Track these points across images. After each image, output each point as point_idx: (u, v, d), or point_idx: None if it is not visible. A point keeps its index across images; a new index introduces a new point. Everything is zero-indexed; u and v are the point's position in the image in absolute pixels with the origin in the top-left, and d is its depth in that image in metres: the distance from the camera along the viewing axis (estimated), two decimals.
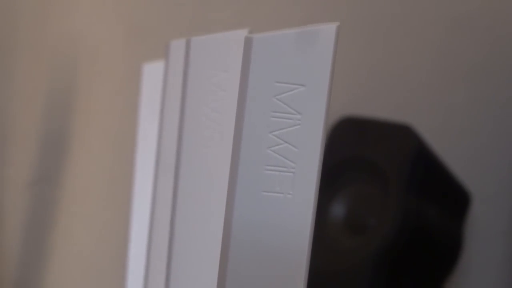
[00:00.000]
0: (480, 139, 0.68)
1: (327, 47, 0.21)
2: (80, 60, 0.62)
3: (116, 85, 0.62)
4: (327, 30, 0.21)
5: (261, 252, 0.21)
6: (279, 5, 0.59)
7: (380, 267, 0.57)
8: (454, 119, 0.66)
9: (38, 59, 0.62)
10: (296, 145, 0.21)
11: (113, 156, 0.64)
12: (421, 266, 0.60)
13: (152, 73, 0.48)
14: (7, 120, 0.62)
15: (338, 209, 0.61)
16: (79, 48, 0.62)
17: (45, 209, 0.64)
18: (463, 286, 0.70)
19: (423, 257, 0.60)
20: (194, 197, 0.29)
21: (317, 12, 0.59)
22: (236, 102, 0.29)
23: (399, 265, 0.58)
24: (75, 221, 0.64)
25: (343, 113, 0.59)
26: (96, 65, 0.62)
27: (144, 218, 0.48)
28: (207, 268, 0.29)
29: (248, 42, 0.21)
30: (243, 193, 0.21)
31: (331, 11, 0.59)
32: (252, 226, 0.21)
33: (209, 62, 0.29)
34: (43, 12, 0.62)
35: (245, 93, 0.21)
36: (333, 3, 0.60)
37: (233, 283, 0.21)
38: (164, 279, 0.30)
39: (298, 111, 0.21)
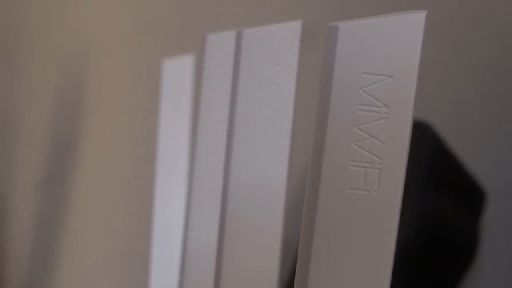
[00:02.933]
0: (495, 136, 0.67)
1: (416, 36, 0.20)
2: (90, 58, 0.61)
3: (126, 83, 0.61)
4: (416, 18, 0.20)
5: (345, 251, 0.20)
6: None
7: (399, 264, 0.57)
8: (469, 116, 0.66)
9: (47, 57, 0.60)
10: (383, 139, 0.20)
11: (123, 155, 0.62)
12: (439, 264, 0.60)
13: (173, 70, 0.47)
14: (16, 119, 0.61)
15: None
16: (89, 46, 0.61)
17: (54, 209, 0.62)
18: (479, 284, 0.69)
19: (440, 254, 0.60)
20: (245, 196, 0.28)
21: (323, 8, 0.58)
22: (290, 97, 0.28)
23: (417, 262, 0.58)
24: (84, 221, 0.63)
25: None
26: (106, 63, 0.61)
27: (167, 218, 0.47)
28: (262, 267, 0.28)
29: (333, 31, 0.20)
30: (326, 191, 0.20)
31: (339, 5, 0.59)
32: (336, 224, 0.20)
33: (262, 55, 0.28)
34: (52, 10, 0.60)
35: (329, 85, 0.20)
36: None
37: (316, 284, 0.20)
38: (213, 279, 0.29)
39: (385, 104, 0.20)
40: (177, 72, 0.46)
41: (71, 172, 0.62)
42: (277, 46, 0.28)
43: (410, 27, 0.20)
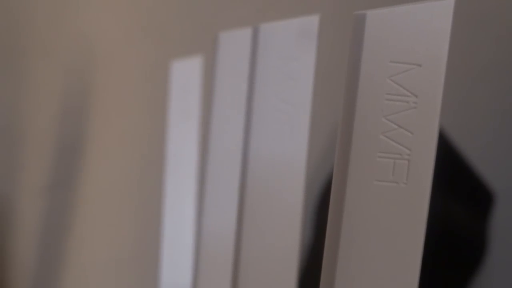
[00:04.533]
0: (502, 138, 0.67)
1: (444, 23, 0.19)
2: (96, 61, 0.60)
3: (133, 86, 0.60)
4: (445, 4, 0.19)
5: (373, 244, 0.20)
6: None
7: None
8: (477, 117, 0.65)
9: (52, 61, 0.60)
10: (411, 129, 0.20)
11: (130, 159, 0.62)
12: (447, 266, 0.59)
13: (182, 71, 0.46)
14: (22, 123, 0.60)
15: None
16: (95, 49, 0.60)
17: (61, 213, 0.62)
18: (488, 286, 0.69)
19: (449, 256, 0.59)
20: (264, 194, 0.28)
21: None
22: (308, 92, 0.27)
23: (426, 264, 0.57)
24: (91, 225, 0.62)
25: None
26: (112, 66, 0.60)
27: (176, 220, 0.46)
28: (280, 262, 0.28)
29: (360, 19, 0.19)
30: (354, 183, 0.20)
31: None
32: (364, 217, 0.20)
33: (279, 50, 0.27)
34: (57, 13, 0.60)
35: (357, 74, 0.19)
36: None
37: (343, 277, 0.20)
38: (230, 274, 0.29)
39: (413, 93, 0.19)
40: (185, 73, 0.46)
41: (77, 176, 0.61)
42: (294, 41, 0.27)
43: (439, 13, 0.19)
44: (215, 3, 0.59)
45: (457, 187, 0.60)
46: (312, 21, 0.28)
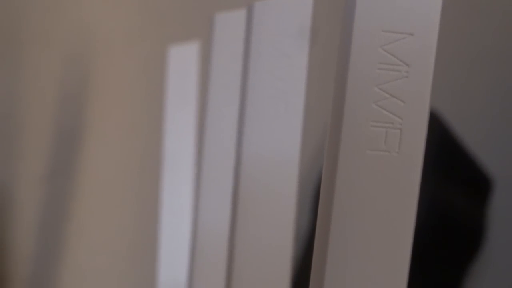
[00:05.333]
0: (502, 125, 0.67)
1: None
2: (94, 50, 0.60)
3: (131, 74, 0.61)
4: None
5: (366, 212, 0.20)
6: None
7: None
8: (476, 104, 0.66)
9: (51, 50, 0.60)
10: (403, 98, 0.20)
11: (128, 147, 0.62)
12: (446, 251, 0.60)
13: (179, 56, 0.46)
14: (21, 112, 0.61)
15: None
16: (92, 37, 0.60)
17: (59, 202, 0.62)
18: (486, 272, 0.69)
19: (448, 242, 0.59)
20: (259, 168, 0.28)
21: None
22: (303, 69, 0.27)
23: (425, 249, 0.57)
24: (90, 214, 0.63)
25: None
26: (110, 54, 0.61)
27: (175, 207, 0.46)
28: (273, 241, 0.28)
29: None
30: (347, 152, 0.20)
31: None
32: (356, 186, 0.20)
33: (273, 28, 0.27)
34: (55, 2, 0.60)
35: (349, 43, 0.19)
36: None
37: (336, 245, 0.20)
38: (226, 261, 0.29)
39: (405, 62, 0.20)
40: (183, 58, 0.46)
41: (76, 165, 0.61)
42: (289, 18, 0.27)
43: None
44: None
45: (455, 174, 0.60)
46: None
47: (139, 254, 0.63)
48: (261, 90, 0.28)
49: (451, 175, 0.59)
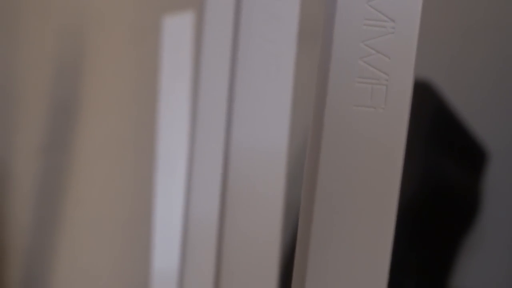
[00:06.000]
0: (497, 96, 0.67)
1: None
2: (88, 22, 0.60)
3: (125, 46, 0.61)
4: None
5: (352, 169, 0.20)
6: None
7: (401, 223, 0.57)
8: (471, 75, 0.66)
9: (45, 21, 0.60)
10: (389, 54, 0.20)
11: (124, 119, 0.62)
12: (440, 222, 0.60)
13: (173, 26, 0.46)
14: (16, 84, 0.61)
15: None
16: (87, 9, 0.60)
17: (56, 174, 0.62)
18: (482, 244, 0.69)
19: (442, 213, 0.60)
20: (250, 136, 0.28)
21: None
22: (293, 31, 0.27)
23: (419, 220, 0.58)
24: (86, 186, 0.63)
25: None
26: (104, 26, 0.60)
27: (169, 182, 0.46)
28: (264, 225, 0.28)
29: None
30: (333, 108, 0.20)
31: None
32: (342, 142, 0.20)
33: None
34: None
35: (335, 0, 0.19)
36: None
37: (323, 200, 0.20)
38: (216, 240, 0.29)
39: (391, 18, 0.20)
40: (177, 29, 0.46)
41: (72, 137, 0.62)
42: None
43: None
44: None
45: (450, 145, 0.60)
46: None
47: (135, 224, 0.63)
48: (252, 53, 0.28)
49: (445, 147, 0.59)
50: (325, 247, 0.21)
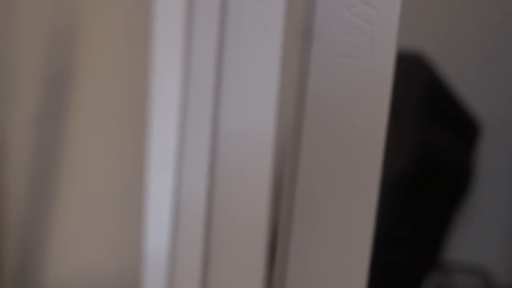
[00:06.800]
0: (490, 68, 0.67)
1: None
2: None
3: (118, 18, 0.60)
4: None
5: (337, 119, 0.20)
6: None
7: (395, 194, 0.57)
8: (464, 47, 0.66)
9: None
10: (375, 5, 0.20)
11: (118, 90, 0.62)
12: (433, 194, 0.60)
13: None
14: (10, 59, 0.61)
15: None
16: None
17: (50, 148, 0.62)
18: (475, 216, 0.70)
19: (435, 184, 0.60)
20: (239, 116, 0.28)
21: None
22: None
23: (412, 190, 0.58)
24: (80, 157, 0.63)
25: None
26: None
27: (162, 153, 0.47)
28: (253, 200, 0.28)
29: None
30: (318, 59, 0.20)
31: None
32: (328, 93, 0.20)
33: None
34: None
35: None
36: None
37: (309, 148, 0.20)
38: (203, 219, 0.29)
39: None
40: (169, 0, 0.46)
41: (66, 110, 0.62)
42: None
43: None
44: None
45: (443, 117, 0.60)
46: None
47: (128, 195, 0.63)
48: (242, 13, 0.28)
49: (438, 119, 0.59)
50: (310, 203, 0.21)
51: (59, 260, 0.63)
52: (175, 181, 0.42)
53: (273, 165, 0.28)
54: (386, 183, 0.56)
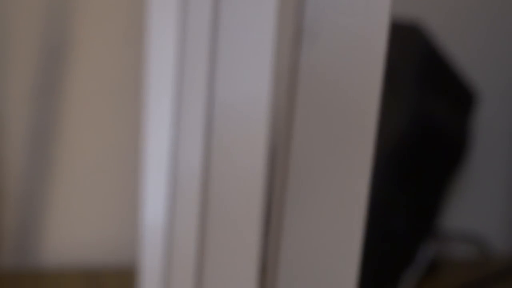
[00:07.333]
0: (486, 38, 0.67)
1: None
2: None
3: None
4: None
5: (331, 85, 0.20)
6: None
7: (391, 163, 0.57)
8: (461, 16, 0.65)
9: None
10: None
11: (115, 61, 0.62)
12: (430, 162, 0.60)
13: None
14: (7, 29, 0.60)
15: None
16: None
17: (48, 120, 0.62)
18: (471, 184, 0.70)
19: (431, 152, 0.60)
20: (234, 85, 0.28)
21: None
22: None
23: (409, 160, 0.58)
24: (78, 129, 0.63)
25: None
26: None
27: (159, 122, 0.47)
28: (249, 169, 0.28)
29: None
30: (312, 17, 0.20)
31: None
32: (322, 49, 0.20)
33: None
34: None
35: None
36: None
37: (303, 115, 0.20)
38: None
39: None
40: None
41: (64, 82, 0.62)
42: None
43: None
44: None
45: (439, 86, 0.60)
46: None
47: (126, 166, 0.64)
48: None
49: (434, 88, 0.60)
50: (304, 170, 0.21)
51: (58, 232, 0.63)
52: (171, 149, 0.42)
53: (268, 132, 0.28)
54: (382, 152, 0.57)
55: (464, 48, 0.65)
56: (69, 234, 0.64)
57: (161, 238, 0.45)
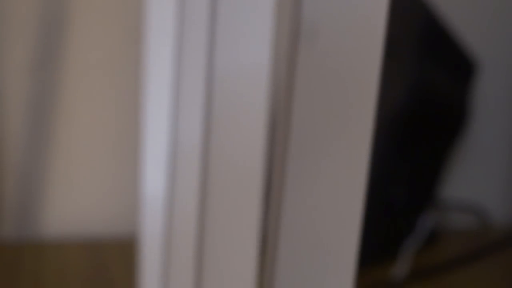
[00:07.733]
0: (486, 7, 0.67)
1: None
2: None
3: None
4: None
5: (332, 52, 0.20)
6: None
7: (391, 133, 0.57)
8: None
9: None
10: None
11: (114, 34, 0.62)
12: (430, 132, 0.60)
13: None
14: (4, 5, 0.60)
15: None
16: None
17: (47, 93, 0.62)
18: (471, 154, 0.70)
19: (431, 122, 0.60)
20: (234, 57, 0.28)
21: None
22: None
23: (409, 130, 0.58)
24: (77, 104, 0.63)
25: None
26: None
27: (158, 96, 0.46)
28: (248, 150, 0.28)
29: None
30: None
31: None
32: (322, 22, 0.20)
33: None
34: None
35: None
36: None
37: (303, 84, 0.20)
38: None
39: None
40: None
41: (62, 54, 0.61)
42: None
43: None
44: None
45: (439, 56, 0.60)
46: None
47: (125, 140, 0.64)
48: None
49: (434, 58, 0.59)
50: (305, 140, 0.21)
51: (59, 203, 0.64)
52: (171, 119, 0.42)
53: (268, 101, 0.28)
54: (382, 122, 0.57)
55: (464, 17, 0.65)
56: (70, 205, 0.64)
57: (161, 209, 0.46)
